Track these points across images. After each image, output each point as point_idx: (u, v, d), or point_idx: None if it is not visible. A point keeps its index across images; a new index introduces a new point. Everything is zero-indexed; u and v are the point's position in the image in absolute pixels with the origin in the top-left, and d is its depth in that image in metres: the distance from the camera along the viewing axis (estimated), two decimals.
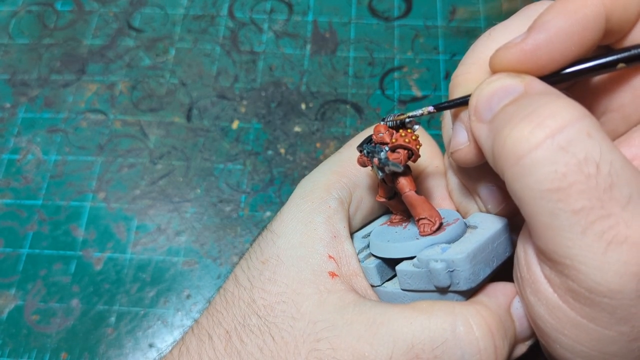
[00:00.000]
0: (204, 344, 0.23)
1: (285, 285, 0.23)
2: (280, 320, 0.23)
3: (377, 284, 0.25)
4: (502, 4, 0.52)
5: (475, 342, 0.20)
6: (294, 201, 0.26)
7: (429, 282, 0.22)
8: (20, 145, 0.45)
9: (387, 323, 0.22)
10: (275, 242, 0.25)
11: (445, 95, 0.47)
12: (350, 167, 0.27)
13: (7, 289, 0.39)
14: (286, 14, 0.52)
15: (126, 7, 0.52)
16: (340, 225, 0.25)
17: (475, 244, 0.22)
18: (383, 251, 0.24)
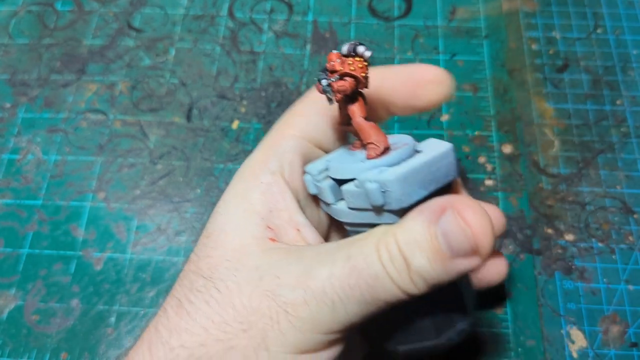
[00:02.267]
0: (160, 317, 0.25)
1: (226, 248, 0.25)
2: (224, 275, 0.24)
3: (332, 202, 0.26)
4: (502, 4, 0.52)
5: (388, 254, 0.22)
6: (232, 182, 0.28)
7: (367, 201, 0.24)
8: (20, 145, 0.45)
9: (329, 251, 0.24)
10: (217, 219, 0.26)
11: None
12: (278, 139, 0.28)
13: (7, 289, 0.39)
14: (286, 14, 0.52)
15: (126, 7, 0.52)
16: (276, 198, 0.27)
17: (409, 167, 0.23)
18: (334, 172, 0.26)
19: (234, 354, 0.23)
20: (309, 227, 0.27)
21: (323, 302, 0.22)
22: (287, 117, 0.30)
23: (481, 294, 0.38)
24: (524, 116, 0.46)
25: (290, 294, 0.23)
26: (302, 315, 0.22)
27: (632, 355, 0.36)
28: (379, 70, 0.29)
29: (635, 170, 0.43)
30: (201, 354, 0.23)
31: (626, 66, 0.48)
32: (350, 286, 0.22)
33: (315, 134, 0.29)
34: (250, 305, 0.23)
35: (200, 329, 0.23)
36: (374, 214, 0.25)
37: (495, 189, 0.42)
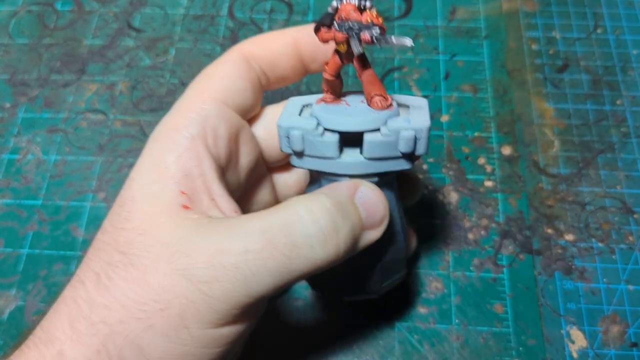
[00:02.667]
0: (77, 290, 0.24)
1: (140, 220, 0.24)
2: (139, 251, 0.24)
3: (337, 156, 0.26)
4: (502, 4, 0.52)
5: (317, 221, 0.23)
6: (147, 146, 0.27)
7: (395, 150, 0.25)
8: (20, 145, 0.45)
9: (242, 224, 0.23)
10: (130, 185, 0.26)
11: (445, 95, 0.47)
12: (196, 101, 0.28)
13: (8, 289, 0.39)
14: (286, 14, 0.52)
15: (126, 7, 0.52)
16: (192, 164, 0.26)
17: (428, 116, 0.26)
18: (346, 125, 0.25)
19: (152, 332, 0.23)
20: (226, 197, 0.27)
21: (235, 278, 0.22)
22: (206, 80, 0.29)
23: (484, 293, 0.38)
24: (524, 116, 0.46)
25: (203, 272, 0.22)
26: (216, 292, 0.22)
27: (632, 356, 0.36)
28: (298, 30, 0.30)
29: (635, 170, 0.43)
30: (121, 329, 0.23)
31: (626, 66, 0.48)
32: (264, 259, 0.22)
33: (236, 98, 0.29)
34: (165, 284, 0.23)
35: (119, 306, 0.23)
36: (392, 162, 0.26)
37: (495, 190, 0.42)
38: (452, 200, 0.42)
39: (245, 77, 0.29)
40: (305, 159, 0.27)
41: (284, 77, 0.31)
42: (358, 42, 0.24)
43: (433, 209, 0.42)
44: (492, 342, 0.37)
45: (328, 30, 0.25)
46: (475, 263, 0.39)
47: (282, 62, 0.30)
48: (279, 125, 0.26)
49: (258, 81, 0.30)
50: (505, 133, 0.45)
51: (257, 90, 0.30)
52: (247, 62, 0.29)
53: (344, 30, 0.25)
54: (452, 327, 0.37)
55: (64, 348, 0.23)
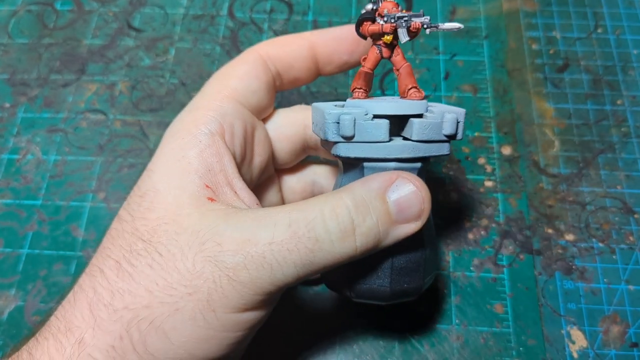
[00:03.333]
0: (96, 278, 0.25)
1: (164, 210, 0.25)
2: (165, 239, 0.24)
3: (387, 139, 0.26)
4: (502, 4, 0.52)
5: (336, 218, 0.24)
6: (166, 140, 0.28)
7: (439, 133, 0.26)
8: (19, 145, 0.45)
9: (269, 216, 0.24)
10: (151, 177, 0.26)
11: (445, 95, 0.47)
12: (214, 100, 0.29)
13: (7, 289, 0.39)
14: (286, 14, 0.51)
15: (126, 7, 0.52)
16: (213, 160, 0.27)
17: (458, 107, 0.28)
18: (394, 109, 0.27)
19: (180, 315, 0.23)
20: (247, 190, 0.28)
21: (262, 266, 0.23)
22: (224, 79, 0.30)
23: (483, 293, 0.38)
24: (524, 116, 0.46)
25: (232, 259, 0.23)
26: (243, 279, 0.23)
27: (632, 356, 0.36)
28: (315, 34, 0.31)
29: (635, 170, 0.43)
30: (146, 314, 0.23)
31: (626, 66, 0.48)
32: (289, 250, 0.24)
33: (252, 99, 0.30)
34: (195, 270, 0.24)
35: (145, 291, 0.24)
36: (437, 145, 0.27)
37: (495, 190, 0.42)
38: (452, 200, 0.42)
39: (261, 78, 0.30)
40: (353, 146, 0.27)
41: (298, 79, 0.32)
42: (406, 32, 0.27)
43: (433, 209, 0.42)
44: (492, 342, 0.37)
45: (372, 24, 0.27)
46: (475, 263, 0.39)
47: (298, 64, 0.31)
48: (329, 113, 0.26)
49: (273, 82, 0.31)
50: (505, 133, 0.45)
51: (271, 91, 0.31)
52: (264, 64, 0.30)
53: (393, 21, 0.27)
54: (452, 327, 0.37)
55: (85, 336, 0.23)
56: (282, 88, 0.32)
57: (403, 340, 0.37)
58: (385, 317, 0.38)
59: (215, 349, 0.24)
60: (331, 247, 0.24)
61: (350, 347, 0.37)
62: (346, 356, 0.36)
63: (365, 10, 0.28)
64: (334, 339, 0.37)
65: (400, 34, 0.27)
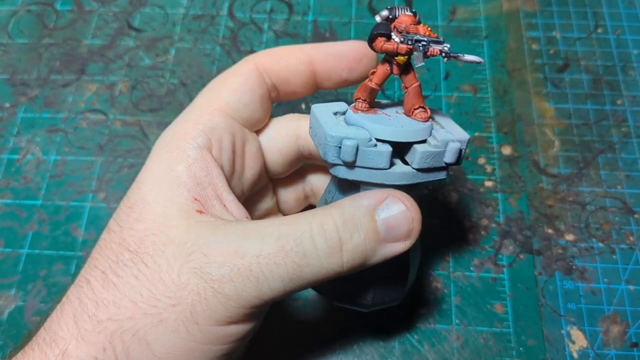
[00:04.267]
0: (82, 289, 0.25)
1: (152, 221, 0.25)
2: (151, 249, 0.24)
3: (387, 167, 0.26)
4: (502, 4, 0.52)
5: (324, 234, 0.24)
6: (155, 152, 0.28)
7: (440, 160, 0.26)
8: (19, 145, 0.45)
9: (257, 229, 0.24)
10: (140, 189, 0.26)
11: (445, 95, 0.47)
12: (204, 113, 0.28)
13: (7, 289, 0.39)
14: (286, 14, 0.51)
15: (126, 7, 0.52)
16: (202, 173, 0.27)
17: (461, 128, 0.27)
18: (398, 135, 0.26)
19: (163, 327, 0.23)
20: (236, 203, 0.27)
21: (248, 279, 0.23)
22: (218, 89, 0.30)
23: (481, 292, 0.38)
24: (524, 116, 0.46)
25: (217, 271, 0.23)
26: (228, 291, 0.23)
27: (632, 356, 0.36)
28: (315, 48, 0.31)
29: (635, 170, 0.43)
30: (129, 326, 0.23)
31: (627, 66, 0.48)
32: (276, 264, 0.23)
33: (244, 112, 0.30)
34: (180, 281, 0.23)
35: (129, 302, 0.23)
36: (435, 172, 0.27)
37: (495, 191, 0.42)
38: (452, 200, 0.42)
39: (255, 91, 0.30)
40: (353, 170, 0.26)
41: (295, 92, 0.32)
42: (422, 56, 0.25)
43: (433, 209, 0.42)
44: (492, 342, 0.37)
45: (387, 41, 0.25)
46: (475, 263, 0.39)
47: (295, 78, 0.31)
48: (330, 135, 0.25)
49: (268, 95, 0.31)
50: (505, 133, 0.45)
51: (266, 103, 0.31)
52: (259, 76, 0.30)
53: (410, 43, 0.25)
54: (452, 327, 0.37)
55: (69, 347, 0.23)
56: (278, 99, 0.32)
57: (403, 340, 0.37)
58: (385, 317, 0.38)
59: None
60: (318, 263, 0.24)
61: (350, 347, 0.37)
62: (346, 356, 0.36)
63: (380, 17, 0.26)
64: (333, 339, 0.37)
65: (416, 57, 0.25)
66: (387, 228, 0.25)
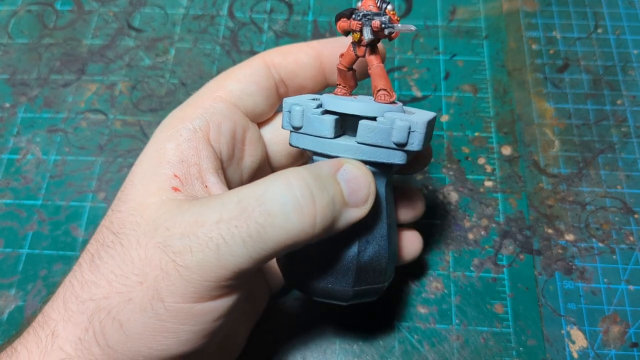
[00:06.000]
0: (74, 272, 0.25)
1: (133, 201, 0.25)
2: (129, 229, 0.24)
3: (331, 136, 0.26)
4: (502, 4, 0.52)
5: (292, 189, 0.23)
6: (153, 135, 0.28)
7: (387, 139, 0.26)
8: (19, 145, 0.45)
9: (219, 197, 0.24)
10: (133, 171, 0.27)
11: (445, 95, 0.47)
12: (207, 99, 0.29)
13: (7, 289, 0.39)
14: (286, 14, 0.51)
15: (126, 7, 0.52)
16: (190, 152, 0.27)
17: (429, 117, 0.27)
18: (346, 108, 0.26)
19: (132, 305, 0.23)
20: (219, 185, 0.27)
21: (207, 247, 0.22)
22: (223, 79, 0.30)
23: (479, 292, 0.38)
24: (524, 116, 0.46)
25: (178, 242, 0.23)
26: (189, 263, 0.22)
27: (632, 356, 0.36)
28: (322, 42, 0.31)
29: (635, 170, 0.43)
30: (105, 305, 0.23)
31: (626, 66, 0.48)
32: (237, 227, 0.22)
33: (247, 102, 0.30)
34: (145, 257, 0.23)
35: (105, 282, 0.24)
36: (385, 152, 0.26)
37: (495, 191, 0.42)
38: (452, 200, 0.42)
39: (260, 84, 0.30)
40: (301, 137, 0.27)
41: (304, 87, 0.32)
42: (370, 30, 0.26)
43: (433, 209, 0.42)
44: (492, 342, 0.37)
45: (347, 20, 0.27)
46: (475, 263, 0.39)
47: (303, 72, 0.31)
48: (285, 101, 0.27)
49: (275, 89, 0.31)
50: (505, 133, 0.45)
51: (272, 96, 0.31)
52: (267, 69, 0.31)
53: (359, 19, 0.26)
54: (452, 327, 0.37)
55: (58, 328, 0.24)
56: (287, 94, 0.32)
57: (403, 340, 0.37)
58: (385, 317, 0.38)
59: (173, 344, 0.23)
60: (286, 221, 0.22)
61: (351, 347, 0.37)
62: (346, 356, 0.36)
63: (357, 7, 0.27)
64: (334, 339, 0.37)
65: (364, 31, 0.27)
66: (349, 190, 0.25)
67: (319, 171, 0.25)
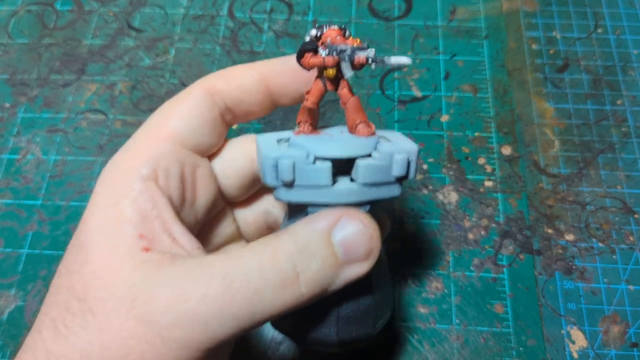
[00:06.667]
0: (36, 341, 0.24)
1: (98, 263, 0.24)
2: (99, 295, 0.23)
3: (330, 184, 0.25)
4: (502, 4, 0.52)
5: (277, 266, 0.23)
6: (98, 187, 0.26)
7: (388, 174, 0.25)
8: (19, 145, 0.45)
9: (204, 266, 0.23)
10: (86, 228, 0.25)
11: (445, 95, 0.47)
12: (150, 142, 0.27)
13: (7, 289, 0.39)
14: (286, 14, 0.51)
15: (126, 7, 0.52)
16: (148, 206, 0.25)
17: (411, 140, 0.26)
18: (338, 151, 0.24)
19: None
20: (187, 235, 0.26)
21: (197, 322, 0.22)
22: (164, 117, 0.28)
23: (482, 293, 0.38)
24: (524, 116, 0.46)
25: (164, 317, 0.22)
26: (177, 337, 0.22)
27: (632, 356, 0.36)
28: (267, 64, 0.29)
29: (635, 170, 0.43)
30: None
31: (627, 66, 0.48)
32: (226, 303, 0.22)
33: (193, 138, 0.28)
34: (128, 329, 0.22)
35: (79, 355, 0.22)
36: (385, 188, 0.25)
37: (495, 191, 0.42)
38: (452, 200, 0.42)
39: (204, 116, 0.28)
40: (294, 191, 0.25)
41: (251, 112, 0.30)
42: (350, 66, 0.24)
43: (433, 209, 0.42)
44: (492, 342, 0.37)
45: (314, 55, 0.25)
46: (475, 263, 0.39)
47: (249, 98, 0.29)
48: (266, 156, 0.24)
49: (220, 118, 0.29)
50: (505, 133, 0.45)
51: (218, 127, 0.29)
52: (210, 98, 0.28)
53: (335, 54, 0.24)
54: (452, 327, 0.37)
55: None
56: (235, 122, 0.31)
57: (403, 340, 0.37)
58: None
59: None
60: (273, 297, 0.23)
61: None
62: (346, 355, 0.36)
63: (309, 37, 0.25)
64: None
65: (343, 67, 0.24)
66: (345, 250, 0.24)
67: (308, 238, 0.24)
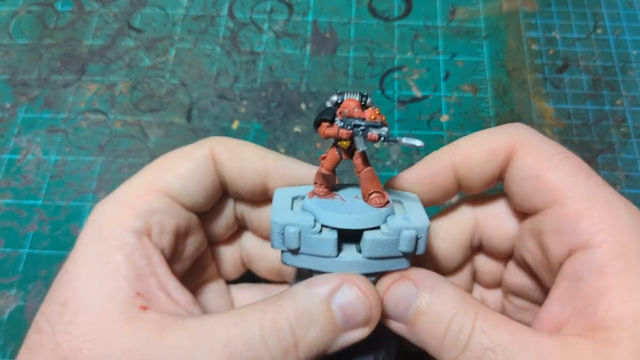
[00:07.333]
0: None
1: (90, 324, 0.22)
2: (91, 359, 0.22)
3: (334, 255, 0.25)
4: (502, 4, 0.52)
5: (277, 333, 0.22)
6: (88, 239, 0.25)
7: (395, 249, 0.25)
8: (20, 145, 0.45)
9: (205, 331, 0.22)
10: (73, 284, 0.24)
11: (445, 95, 0.47)
12: (145, 194, 0.26)
13: (8, 289, 0.39)
14: (286, 14, 0.52)
15: (126, 7, 0.52)
16: (142, 263, 0.24)
17: (424, 212, 0.26)
18: (346, 222, 0.25)
19: None
20: (181, 290, 0.26)
21: None
22: (162, 171, 0.27)
23: None
24: (524, 116, 0.46)
25: None
26: None
27: None
28: (274, 161, 0.28)
29: (635, 170, 0.43)
30: None
31: (626, 66, 0.48)
32: None
33: (187, 199, 0.27)
34: None
35: None
36: (391, 261, 0.25)
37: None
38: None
39: (202, 183, 0.28)
40: (300, 257, 0.25)
41: (240, 195, 0.30)
42: (363, 140, 0.24)
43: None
44: None
45: (330, 125, 0.25)
46: None
47: (243, 185, 0.29)
48: (273, 221, 0.25)
49: (218, 186, 0.29)
50: None
51: (214, 194, 0.29)
52: (212, 165, 0.28)
53: (350, 128, 0.24)
54: None
55: None
56: (227, 193, 0.30)
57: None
58: None
59: None
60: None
61: None
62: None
63: (330, 102, 0.25)
64: None
65: (357, 141, 0.24)
66: (344, 316, 0.24)
67: (308, 303, 0.23)
